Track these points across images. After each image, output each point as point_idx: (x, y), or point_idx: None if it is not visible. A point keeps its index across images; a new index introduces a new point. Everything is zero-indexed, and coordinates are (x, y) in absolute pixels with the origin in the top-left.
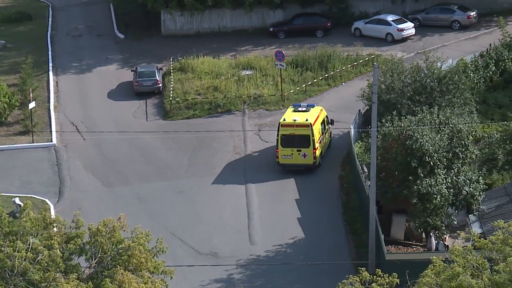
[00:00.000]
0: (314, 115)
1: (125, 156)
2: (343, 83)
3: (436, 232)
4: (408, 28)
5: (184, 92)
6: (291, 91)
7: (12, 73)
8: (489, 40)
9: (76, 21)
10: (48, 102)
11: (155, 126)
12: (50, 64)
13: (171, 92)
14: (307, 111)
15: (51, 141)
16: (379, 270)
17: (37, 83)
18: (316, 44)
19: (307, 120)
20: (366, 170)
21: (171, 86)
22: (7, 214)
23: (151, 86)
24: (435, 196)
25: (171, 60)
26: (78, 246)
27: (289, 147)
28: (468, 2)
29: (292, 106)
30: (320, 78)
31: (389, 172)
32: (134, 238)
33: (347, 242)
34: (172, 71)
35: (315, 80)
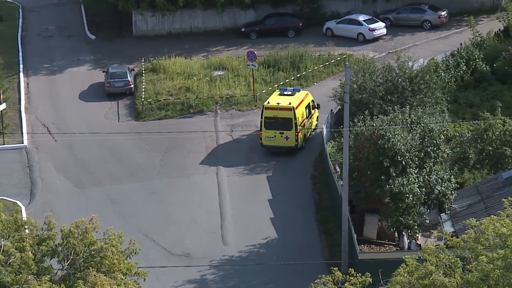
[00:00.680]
0: (298, 99)
1: (96, 157)
2: (315, 83)
3: (409, 231)
4: (380, 28)
5: (156, 93)
6: (263, 91)
7: None
8: (459, 39)
9: (46, 22)
10: (19, 103)
11: (127, 127)
12: (21, 65)
13: (143, 93)
14: (292, 95)
15: (22, 142)
16: (352, 269)
17: (7, 84)
18: (288, 44)
19: (290, 103)
20: (338, 170)
21: (143, 87)
22: None
23: (123, 87)
24: (407, 195)
25: (143, 60)
26: (50, 248)
27: (272, 129)
28: (439, 2)
29: (278, 90)
30: (292, 78)
31: (361, 172)
32: (107, 239)
33: (320, 241)
34: (143, 72)
35: (287, 80)
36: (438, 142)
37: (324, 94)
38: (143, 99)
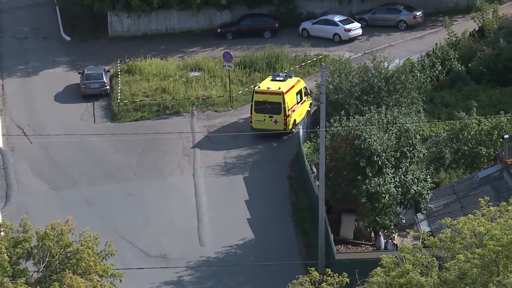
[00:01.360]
0: (289, 84)
1: (72, 159)
2: None
3: (385, 231)
4: (355, 28)
5: (132, 94)
6: (240, 92)
7: None
8: (435, 39)
9: (21, 23)
10: None
11: (103, 129)
12: None
13: (119, 94)
14: (284, 81)
15: None
16: (329, 269)
17: None
18: (264, 45)
19: (279, 88)
20: (315, 170)
21: (119, 88)
22: None
23: (99, 88)
24: (384, 195)
25: (119, 62)
26: (26, 250)
27: (262, 113)
28: (414, 2)
29: (271, 76)
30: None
31: (338, 172)
32: (83, 241)
33: (297, 242)
34: (119, 73)
35: (263, 81)
36: (414, 142)
37: None
38: (119, 101)
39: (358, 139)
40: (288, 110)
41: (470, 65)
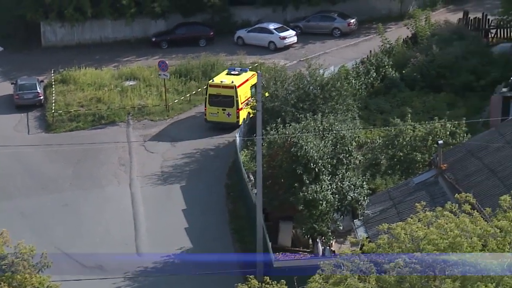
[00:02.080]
0: (242, 78)
1: (6, 170)
2: None
3: (323, 238)
4: (290, 36)
5: (66, 104)
6: (176, 101)
7: None
8: (369, 46)
9: None
10: None
11: (38, 139)
12: None
13: (53, 104)
14: (238, 75)
15: None
16: (267, 277)
17: None
18: (199, 53)
19: (232, 82)
20: (252, 178)
21: (53, 98)
22: None
23: (32, 98)
24: (321, 202)
25: (53, 72)
26: None
27: (215, 106)
28: (348, 9)
29: (227, 70)
30: (204, 87)
31: (275, 180)
32: (18, 253)
33: (235, 250)
34: (53, 83)
35: (199, 90)
36: (350, 148)
37: None
38: (53, 111)
39: (295, 147)
40: (241, 104)
41: (404, 71)
